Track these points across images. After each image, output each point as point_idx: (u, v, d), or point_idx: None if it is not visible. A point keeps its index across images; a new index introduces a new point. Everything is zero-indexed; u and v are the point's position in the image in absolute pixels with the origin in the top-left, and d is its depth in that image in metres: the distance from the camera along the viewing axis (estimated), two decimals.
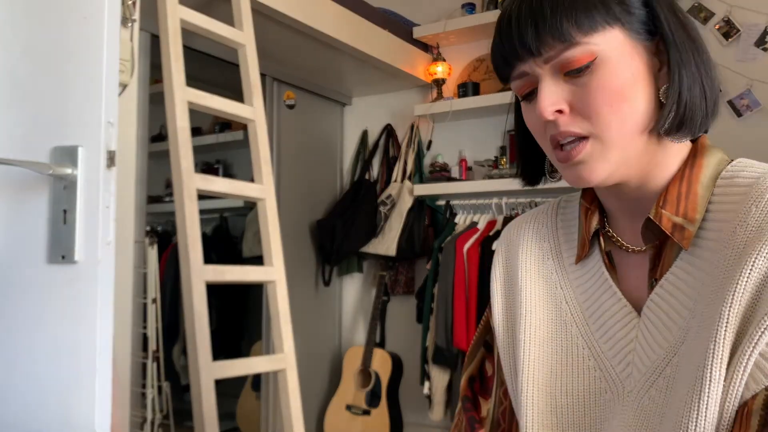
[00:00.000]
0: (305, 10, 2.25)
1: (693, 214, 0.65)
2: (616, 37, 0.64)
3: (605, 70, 0.63)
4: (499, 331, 0.81)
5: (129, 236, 1.65)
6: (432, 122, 3.10)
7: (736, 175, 0.66)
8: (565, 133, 0.65)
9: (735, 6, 2.47)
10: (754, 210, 0.61)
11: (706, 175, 0.67)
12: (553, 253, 0.79)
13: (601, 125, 0.64)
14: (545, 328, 0.76)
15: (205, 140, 3.46)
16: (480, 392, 0.86)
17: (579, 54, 0.63)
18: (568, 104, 0.65)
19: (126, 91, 1.55)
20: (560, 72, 0.65)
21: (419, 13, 3.13)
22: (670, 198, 0.66)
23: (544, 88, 0.65)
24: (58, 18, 0.90)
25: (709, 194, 0.66)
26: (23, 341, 0.89)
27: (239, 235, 3.51)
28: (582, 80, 0.64)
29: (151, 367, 2.15)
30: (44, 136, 0.89)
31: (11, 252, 0.91)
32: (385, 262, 3.08)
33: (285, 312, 1.80)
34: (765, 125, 2.42)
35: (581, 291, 0.75)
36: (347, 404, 2.99)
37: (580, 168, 0.66)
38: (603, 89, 0.63)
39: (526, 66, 0.66)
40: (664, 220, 0.66)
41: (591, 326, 0.73)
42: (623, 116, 0.64)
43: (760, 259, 0.58)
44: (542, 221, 0.82)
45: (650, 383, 0.65)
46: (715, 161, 0.69)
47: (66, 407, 0.85)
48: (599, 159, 0.65)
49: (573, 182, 0.68)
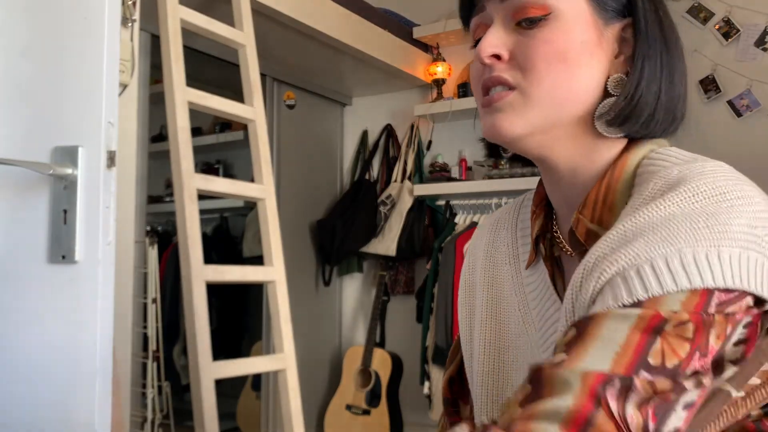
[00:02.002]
0: (305, 10, 2.25)
1: (609, 219, 0.60)
2: (578, 2, 0.61)
3: (555, 27, 0.60)
4: (463, 340, 0.80)
5: (129, 236, 1.65)
6: (432, 122, 3.10)
7: (647, 170, 0.60)
8: (495, 78, 0.62)
9: (735, 6, 2.47)
10: (627, 208, 0.57)
11: (626, 174, 0.62)
12: (511, 258, 0.76)
13: (531, 79, 0.60)
14: (499, 338, 0.74)
15: (205, 140, 3.46)
16: (459, 394, 0.85)
17: (534, 2, 0.60)
18: (510, 52, 0.62)
19: (126, 91, 1.55)
20: (513, 20, 0.62)
21: (419, 13, 3.13)
22: (589, 202, 0.62)
23: (490, 31, 0.63)
24: (58, 18, 0.90)
25: (627, 195, 0.60)
26: (23, 341, 0.89)
27: (239, 235, 3.51)
28: (530, 32, 0.61)
29: (151, 367, 2.15)
30: (44, 136, 0.89)
31: (12, 252, 0.91)
32: (385, 262, 3.08)
33: (285, 312, 1.80)
34: (765, 125, 2.41)
35: (532, 297, 0.72)
36: (347, 404, 2.99)
37: (498, 116, 0.62)
38: (546, 44, 0.60)
39: (485, 2, 0.64)
40: (580, 226, 0.62)
41: (536, 333, 0.70)
42: (557, 78, 0.60)
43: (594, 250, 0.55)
44: (503, 223, 0.79)
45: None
46: (639, 156, 0.63)
47: (66, 407, 0.85)
48: (517, 112, 0.61)
49: (487, 132, 0.64)
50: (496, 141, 0.64)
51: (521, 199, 0.80)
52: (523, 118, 0.61)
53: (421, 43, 3.07)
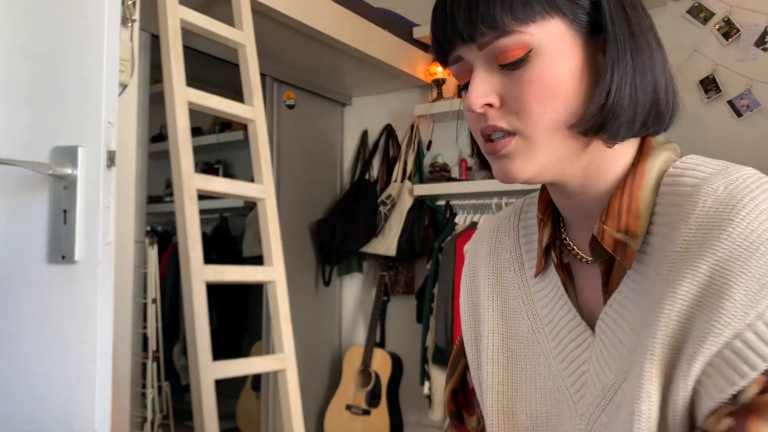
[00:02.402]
0: (305, 10, 2.25)
1: (635, 229, 0.60)
2: (557, 29, 0.59)
3: (540, 64, 0.58)
4: (468, 350, 0.78)
5: (129, 236, 1.65)
6: (432, 122, 3.10)
7: (677, 181, 0.60)
8: (492, 127, 0.61)
9: (735, 6, 2.47)
10: (683, 228, 0.56)
11: (648, 181, 0.61)
12: (515, 265, 0.75)
13: (527, 122, 0.59)
14: (508, 347, 0.73)
15: (205, 140, 3.46)
16: (463, 405, 0.83)
17: (512, 44, 0.58)
18: (500, 97, 0.60)
19: (126, 91, 1.55)
20: (495, 62, 0.60)
21: (419, 13, 3.13)
22: (612, 211, 0.61)
23: (475, 79, 0.61)
24: (58, 18, 0.90)
25: (652, 203, 0.60)
26: (23, 341, 0.89)
27: (239, 235, 3.51)
28: (516, 73, 0.59)
29: (151, 367, 2.15)
30: (44, 136, 0.89)
31: (11, 252, 0.91)
32: (385, 262, 3.08)
33: (285, 312, 1.81)
34: (765, 125, 2.42)
35: (542, 306, 0.71)
36: (347, 404, 2.99)
37: (506, 163, 0.62)
38: (534, 84, 0.58)
39: (461, 51, 0.62)
40: (606, 236, 0.61)
41: (550, 343, 0.69)
42: (553, 115, 0.59)
43: (686, 285, 0.53)
44: (504, 229, 0.78)
45: (601, 409, 0.61)
46: (659, 163, 0.62)
47: (66, 407, 0.85)
48: (524, 157, 0.61)
49: (499, 177, 0.63)
50: (509, 183, 0.64)
51: (520, 205, 0.79)
52: (530, 161, 0.61)
53: (421, 43, 3.07)
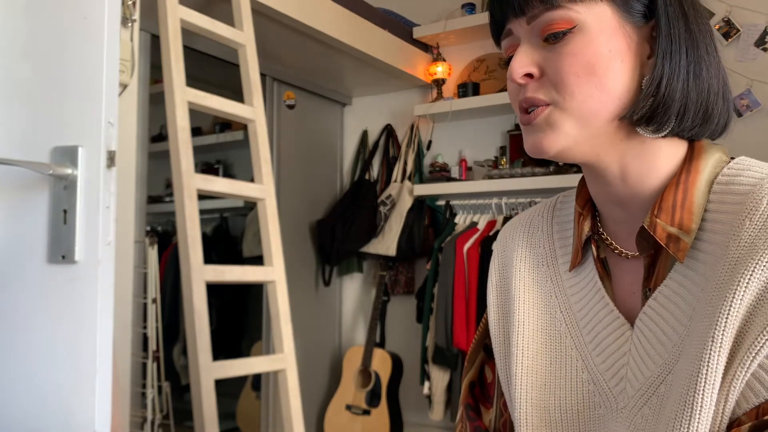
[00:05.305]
0: (305, 10, 2.25)
1: (689, 224, 0.62)
2: (604, 11, 0.62)
3: (582, 40, 0.61)
4: (495, 342, 0.79)
5: (129, 236, 1.65)
6: (432, 122, 3.10)
7: (733, 180, 0.62)
8: (530, 99, 0.64)
9: (735, 6, 2.47)
10: (747, 224, 0.58)
11: (702, 180, 0.64)
12: (548, 260, 0.76)
13: (563, 93, 0.62)
14: (539, 339, 0.74)
15: (205, 140, 3.46)
16: (481, 399, 0.84)
17: (559, 18, 0.61)
18: (540, 69, 0.64)
19: (126, 91, 1.55)
20: (540, 36, 0.63)
21: (419, 13, 3.13)
22: (665, 206, 0.63)
23: (519, 51, 0.64)
24: (58, 18, 0.90)
25: (705, 201, 0.63)
26: (23, 341, 0.89)
27: (239, 235, 3.51)
28: (558, 46, 0.62)
29: (151, 367, 2.14)
30: (44, 136, 0.89)
31: (11, 252, 0.91)
32: (385, 262, 3.08)
33: (285, 312, 1.81)
34: (765, 125, 2.42)
35: (576, 300, 0.72)
36: (347, 404, 2.99)
37: (538, 135, 0.64)
38: (573, 57, 0.61)
39: (512, 24, 0.66)
40: (659, 230, 0.63)
41: (585, 337, 0.70)
42: (588, 90, 0.61)
43: (753, 278, 0.56)
44: (537, 224, 0.80)
45: (644, 401, 0.63)
46: (712, 163, 0.65)
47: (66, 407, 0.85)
48: (556, 128, 0.63)
49: (529, 149, 0.66)
50: (539, 157, 0.66)
51: (553, 202, 0.81)
52: (561, 133, 0.63)
53: (421, 43, 3.07)
